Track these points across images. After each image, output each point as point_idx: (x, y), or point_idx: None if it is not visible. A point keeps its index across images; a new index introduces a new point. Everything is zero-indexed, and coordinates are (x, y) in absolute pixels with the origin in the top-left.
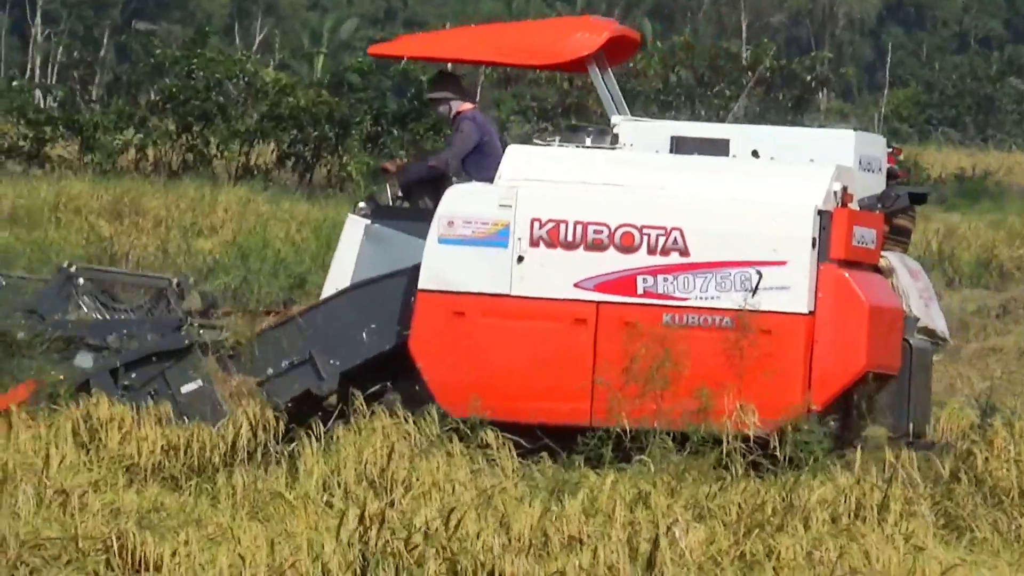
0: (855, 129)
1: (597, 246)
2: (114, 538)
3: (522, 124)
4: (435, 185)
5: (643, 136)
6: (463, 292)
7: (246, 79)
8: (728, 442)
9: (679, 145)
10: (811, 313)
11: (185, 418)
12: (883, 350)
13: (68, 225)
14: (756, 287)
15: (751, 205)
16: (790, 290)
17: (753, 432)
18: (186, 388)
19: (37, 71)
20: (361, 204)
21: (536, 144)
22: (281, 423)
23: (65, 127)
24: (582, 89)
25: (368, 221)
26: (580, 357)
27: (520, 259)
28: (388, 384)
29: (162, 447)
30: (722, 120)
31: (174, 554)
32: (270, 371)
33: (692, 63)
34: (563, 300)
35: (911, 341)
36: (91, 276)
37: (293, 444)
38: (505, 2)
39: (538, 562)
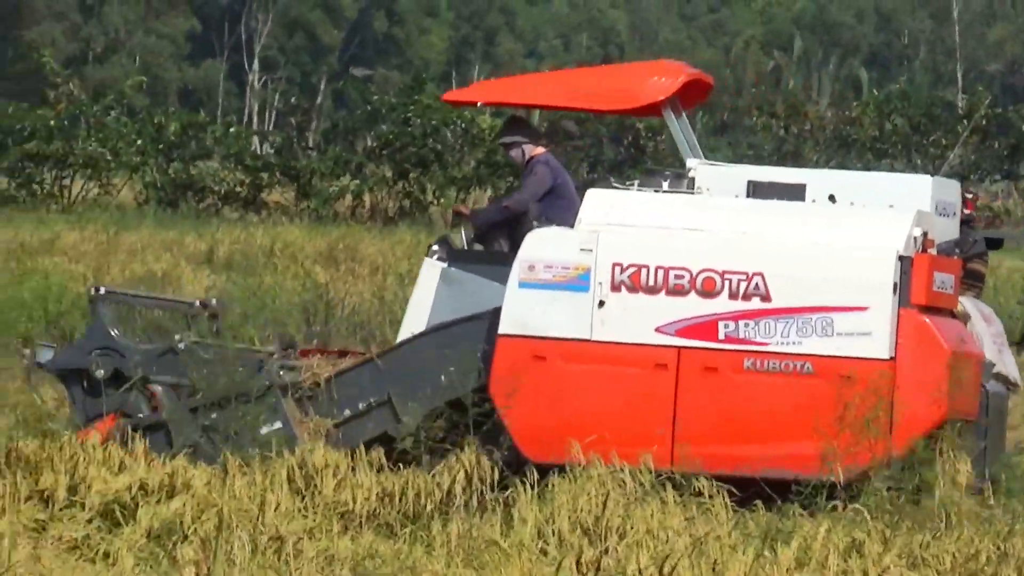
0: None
1: (679, 291)
2: None
3: None
4: (509, 227)
5: (719, 180)
6: (544, 336)
7: (463, 126)
8: (942, 490)
9: (755, 189)
10: (892, 359)
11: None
12: (963, 396)
13: (284, 271)
14: (837, 332)
15: (832, 250)
16: (871, 336)
17: (839, 478)
18: (265, 429)
19: (254, 118)
20: (434, 247)
21: (615, 188)
22: (496, 471)
23: (282, 173)
24: (798, 137)
25: (444, 264)
26: (661, 402)
27: (601, 304)
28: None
29: (377, 494)
30: (938, 169)
31: None
32: (347, 412)
33: (908, 112)
34: (644, 345)
35: (987, 386)
36: (116, 300)
37: (508, 492)
38: (722, 50)
39: None
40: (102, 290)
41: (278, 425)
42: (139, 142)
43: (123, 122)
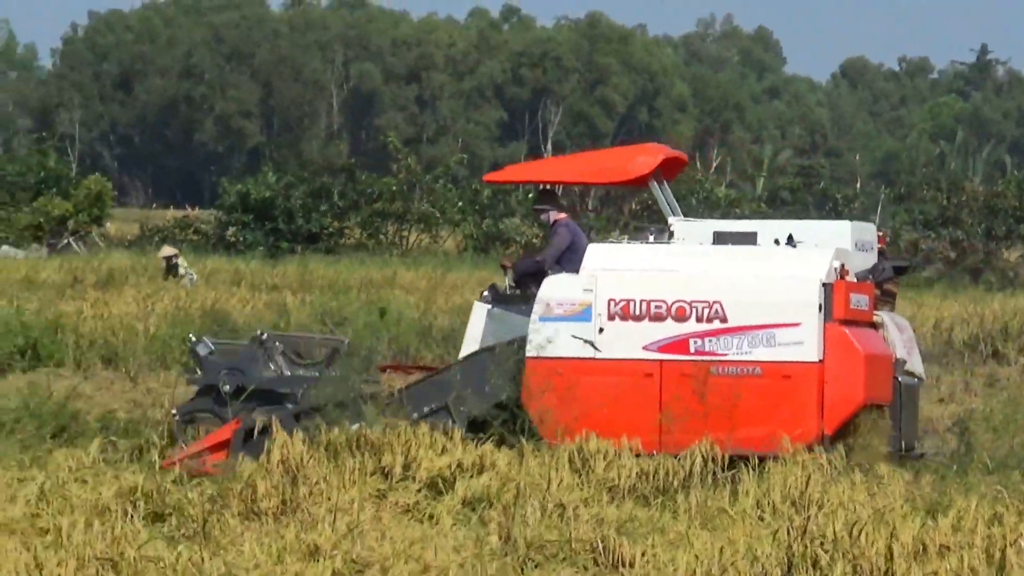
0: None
1: (658, 318)
2: (599, 541)
3: (910, 232)
4: (539, 276)
5: (692, 232)
6: (559, 357)
7: (704, 195)
8: None
9: (719, 238)
10: (820, 361)
11: None
12: (877, 387)
13: None
14: (778, 343)
15: (772, 281)
16: (803, 344)
17: (786, 452)
18: (352, 428)
19: (547, 187)
20: (485, 292)
21: (610, 242)
22: (726, 457)
23: None
24: (957, 206)
25: (489, 306)
26: (649, 402)
27: (601, 330)
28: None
29: (636, 472)
30: None
31: (643, 554)
32: (415, 415)
33: None
34: (634, 360)
35: (900, 379)
36: (279, 340)
37: (734, 471)
38: (901, 138)
39: (918, 565)
40: (265, 335)
41: (360, 425)
42: (460, 204)
43: (448, 188)
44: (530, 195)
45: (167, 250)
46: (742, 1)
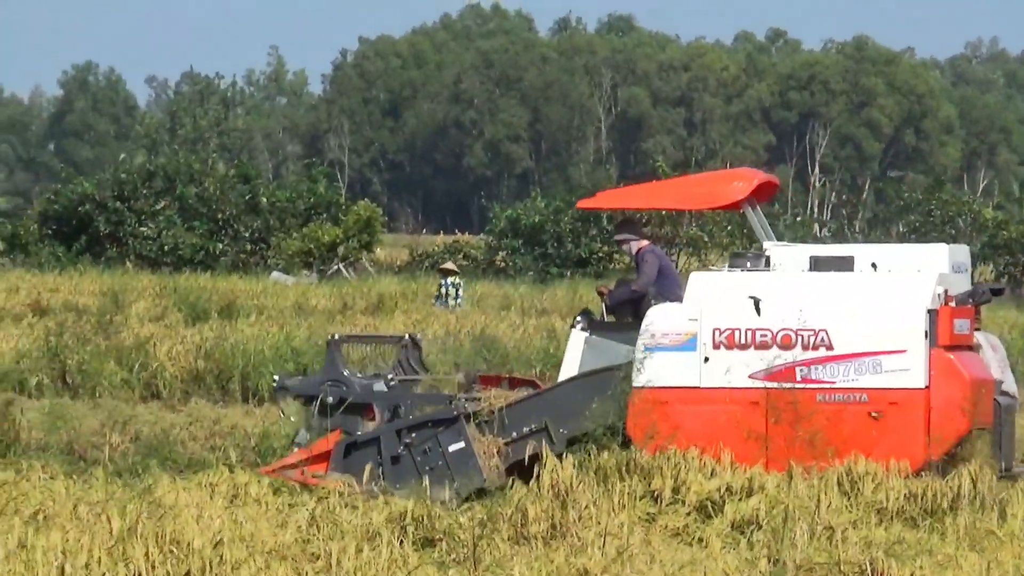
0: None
1: (764, 346)
2: (867, 563)
3: None
4: (634, 304)
5: (789, 258)
6: (665, 386)
7: (971, 216)
8: None
9: (816, 263)
10: (927, 387)
11: (451, 471)
12: (981, 410)
13: None
14: (885, 370)
15: (877, 308)
16: (910, 371)
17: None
18: (453, 447)
19: (815, 210)
20: (578, 319)
21: (711, 271)
22: (994, 478)
23: None
24: None
25: (587, 333)
26: (756, 430)
27: (706, 359)
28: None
29: (904, 495)
30: None
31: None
32: (514, 434)
33: None
34: (741, 388)
35: (999, 399)
36: (349, 341)
37: (1002, 494)
38: None
39: None
40: (336, 336)
41: (462, 444)
42: (729, 228)
43: (716, 212)
44: (799, 217)
45: (450, 265)
46: (1009, 24)
